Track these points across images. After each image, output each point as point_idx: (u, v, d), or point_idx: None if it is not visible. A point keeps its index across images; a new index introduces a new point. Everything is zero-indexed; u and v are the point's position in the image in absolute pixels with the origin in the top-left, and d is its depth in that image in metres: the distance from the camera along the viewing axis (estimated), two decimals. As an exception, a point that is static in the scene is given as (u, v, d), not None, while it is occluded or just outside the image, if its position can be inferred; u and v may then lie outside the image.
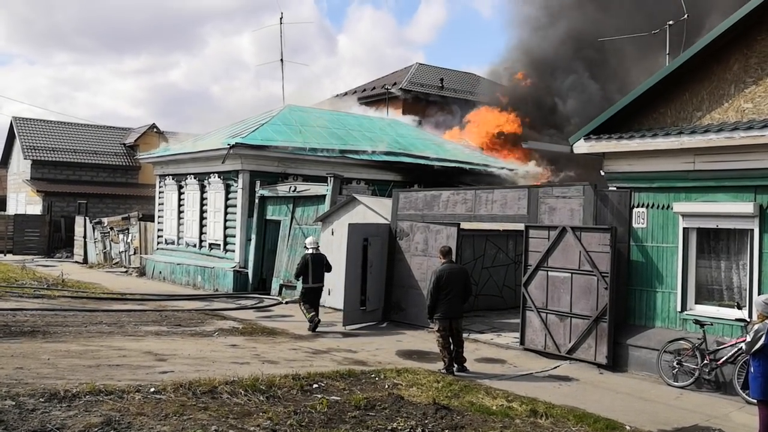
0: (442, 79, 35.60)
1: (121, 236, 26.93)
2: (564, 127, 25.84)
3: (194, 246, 21.95)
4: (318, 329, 13.57)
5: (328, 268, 14.04)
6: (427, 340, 12.44)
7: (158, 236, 24.33)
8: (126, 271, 25.10)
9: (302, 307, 13.80)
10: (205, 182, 21.49)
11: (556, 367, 10.87)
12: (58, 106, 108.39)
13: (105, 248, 27.98)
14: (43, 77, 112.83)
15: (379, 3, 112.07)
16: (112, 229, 27.60)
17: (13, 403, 7.05)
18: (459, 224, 13.79)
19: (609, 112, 11.22)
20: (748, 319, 9.10)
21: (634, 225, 10.98)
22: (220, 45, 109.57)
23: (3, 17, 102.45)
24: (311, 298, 13.70)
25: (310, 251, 13.90)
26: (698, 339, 9.77)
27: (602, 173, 11.54)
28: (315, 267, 13.72)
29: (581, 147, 11.42)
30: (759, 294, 9.16)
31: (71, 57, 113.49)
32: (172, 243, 23.22)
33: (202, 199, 21.77)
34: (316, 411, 7.48)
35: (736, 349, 9.21)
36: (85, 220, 29.58)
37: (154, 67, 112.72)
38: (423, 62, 39.23)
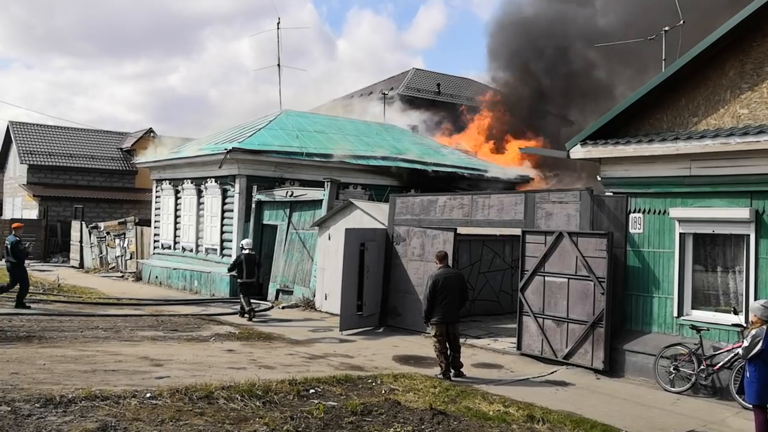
0: (438, 84, 35.71)
1: (117, 241, 26.88)
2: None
3: (191, 251, 21.92)
4: (315, 334, 13.66)
5: (259, 266, 16.49)
6: (424, 345, 12.43)
7: (155, 241, 24.30)
8: (122, 276, 25.04)
9: (242, 299, 15.62)
10: (202, 187, 21.47)
11: (552, 372, 10.87)
12: (56, 110, 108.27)
13: (101, 253, 27.92)
14: (41, 81, 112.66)
15: (378, 8, 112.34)
16: (108, 233, 27.54)
17: (9, 408, 7.02)
18: (456, 229, 13.80)
19: (605, 118, 11.25)
20: (745, 325, 9.12)
21: (631, 230, 11.00)
22: (219, 49, 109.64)
23: (1, 21, 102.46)
24: (245, 290, 15.69)
25: (246, 251, 15.93)
26: (695, 344, 9.78)
27: (599, 178, 11.57)
28: (248, 265, 15.75)
29: (578, 152, 11.44)
30: (755, 299, 9.19)
31: (70, 61, 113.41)
32: (169, 248, 23.18)
33: (199, 203, 21.75)
34: (312, 416, 7.47)
35: (732, 355, 9.23)
36: (81, 224, 29.52)
37: (152, 72, 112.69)
38: (422, 67, 39.41)
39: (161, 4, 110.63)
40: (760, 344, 6.95)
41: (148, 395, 7.84)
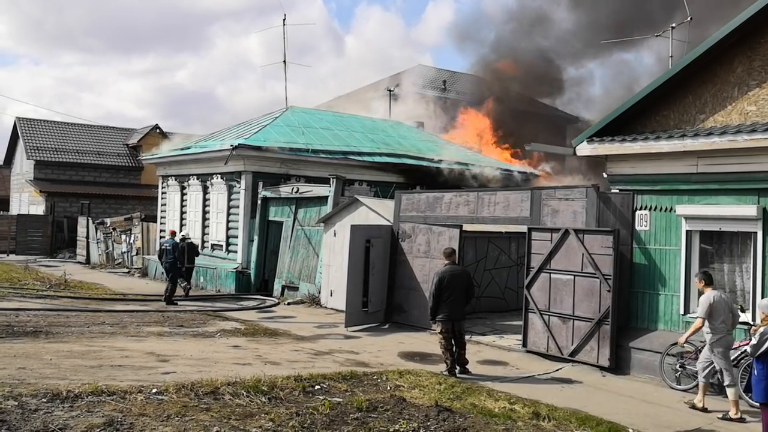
0: (444, 81, 35.64)
1: (123, 237, 26.96)
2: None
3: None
4: (320, 331, 13.71)
5: (197, 253, 18.65)
6: (429, 341, 12.43)
7: (161, 237, 24.34)
8: (128, 272, 25.12)
9: (180, 283, 17.73)
10: (208, 183, 21.51)
11: (558, 370, 10.85)
12: (63, 106, 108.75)
13: (107, 249, 28.01)
14: (49, 77, 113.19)
15: (387, 4, 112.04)
16: (114, 229, 27.63)
17: (16, 403, 7.06)
18: (461, 226, 13.78)
19: (612, 115, 11.21)
20: (752, 322, 9.08)
21: (637, 227, 10.97)
22: (227, 46, 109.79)
23: (9, 17, 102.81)
24: (185, 275, 17.90)
25: (187, 241, 18.33)
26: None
27: (605, 175, 11.54)
28: (189, 253, 17.98)
29: (584, 149, 11.40)
30: (763, 297, 9.16)
31: (78, 57, 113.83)
32: (175, 244, 23.20)
33: (205, 200, 21.79)
34: (318, 412, 7.48)
35: (739, 353, 9.19)
36: (87, 220, 29.62)
37: (160, 68, 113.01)
38: (431, 63, 39.34)
39: (170, 1, 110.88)
40: (768, 342, 6.92)
41: (154, 391, 7.86)
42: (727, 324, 8.68)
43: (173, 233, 18.88)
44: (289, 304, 17.31)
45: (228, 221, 20.56)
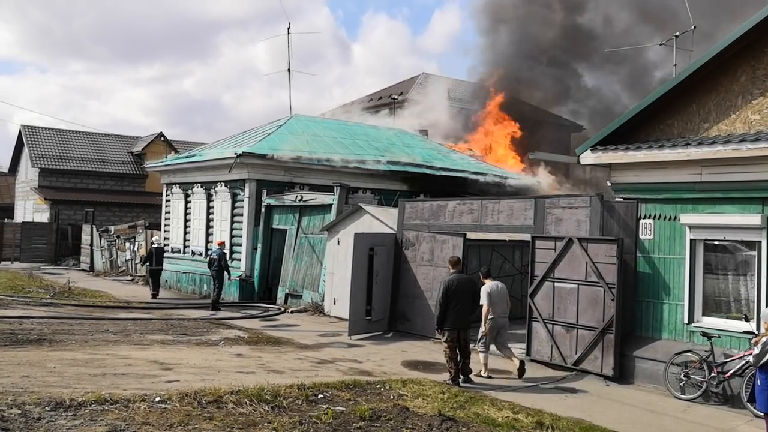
0: (449, 90, 35.66)
1: (127, 244, 27.01)
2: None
3: (200, 254, 21.95)
4: (324, 339, 13.70)
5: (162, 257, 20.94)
6: (433, 350, 12.41)
7: (165, 244, 24.37)
8: (132, 280, 25.14)
9: (149, 283, 20.34)
10: (212, 191, 21.54)
11: (562, 379, 10.82)
12: (69, 114, 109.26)
13: (111, 256, 28.06)
14: (55, 85, 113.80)
15: (393, 12, 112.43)
16: (118, 237, 27.69)
17: (19, 411, 7.06)
18: (465, 234, 13.77)
19: (616, 123, 11.21)
20: (756, 332, 9.05)
21: (641, 236, 10.95)
22: (234, 54, 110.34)
23: (16, 25, 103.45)
24: (153, 275, 20.24)
25: (155, 246, 20.84)
26: (705, 351, 9.72)
27: (609, 184, 11.53)
28: (157, 256, 20.39)
29: (588, 158, 11.40)
30: (766, 306, 9.13)
31: (84, 65, 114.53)
32: (179, 251, 23.25)
33: (209, 207, 21.82)
34: (321, 422, 7.47)
35: (743, 362, 9.16)
36: (91, 228, 29.69)
37: (167, 76, 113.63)
38: (436, 72, 39.34)
39: (177, 9, 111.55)
40: (772, 352, 6.89)
41: (157, 399, 7.86)
42: (500, 309, 10.79)
43: (221, 244, 19.01)
44: (292, 312, 17.31)
45: (232, 229, 20.58)
